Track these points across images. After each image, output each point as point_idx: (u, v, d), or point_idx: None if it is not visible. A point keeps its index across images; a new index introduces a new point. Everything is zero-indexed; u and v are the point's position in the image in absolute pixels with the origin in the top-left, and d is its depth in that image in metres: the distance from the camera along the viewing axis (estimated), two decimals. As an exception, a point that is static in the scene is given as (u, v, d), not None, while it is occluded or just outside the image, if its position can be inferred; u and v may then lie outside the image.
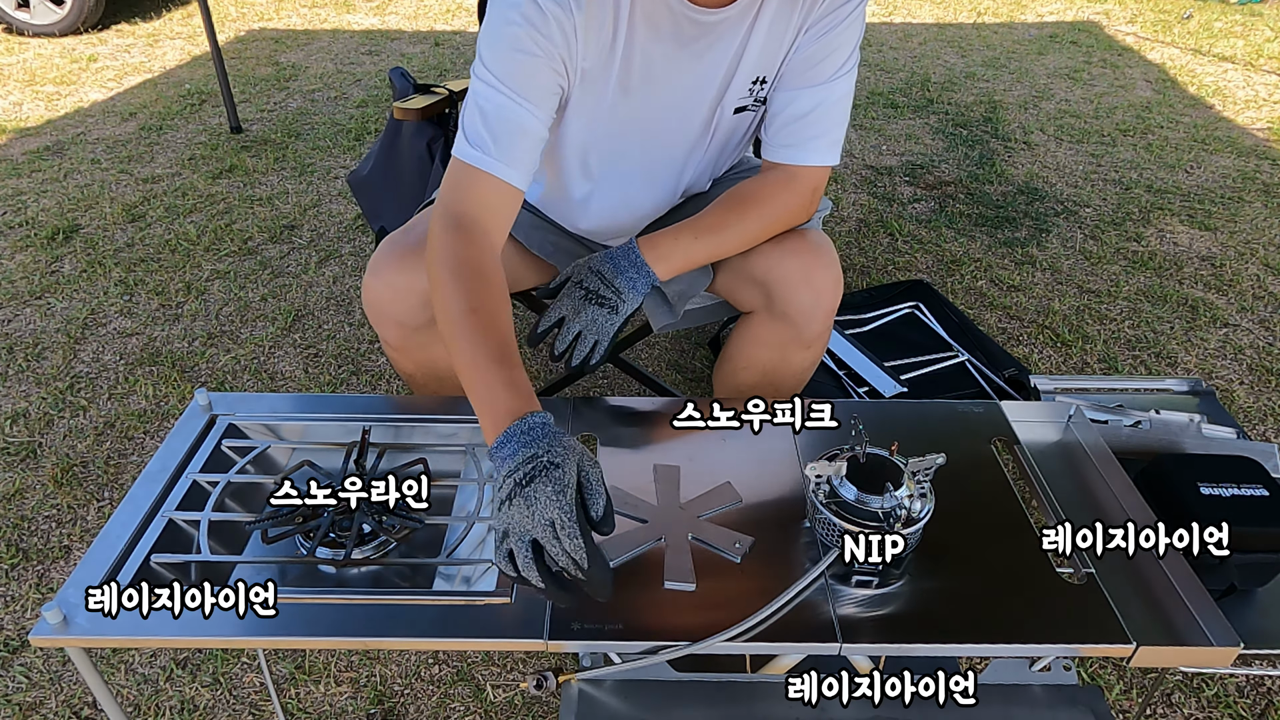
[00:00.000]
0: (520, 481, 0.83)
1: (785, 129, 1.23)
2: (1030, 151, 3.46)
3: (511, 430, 0.87)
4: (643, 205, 1.38)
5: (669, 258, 1.21)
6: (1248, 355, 2.26)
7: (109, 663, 1.50)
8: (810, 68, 1.19)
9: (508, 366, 0.93)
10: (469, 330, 0.96)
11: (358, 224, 2.89)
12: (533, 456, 0.84)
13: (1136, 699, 1.45)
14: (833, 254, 1.23)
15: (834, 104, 1.21)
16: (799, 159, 1.24)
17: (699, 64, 1.17)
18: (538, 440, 0.86)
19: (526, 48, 1.07)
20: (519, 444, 0.86)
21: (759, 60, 1.18)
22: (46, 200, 3.02)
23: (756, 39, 1.16)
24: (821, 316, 1.24)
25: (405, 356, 1.28)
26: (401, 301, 1.20)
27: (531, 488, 0.81)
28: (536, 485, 0.81)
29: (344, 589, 0.93)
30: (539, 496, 0.81)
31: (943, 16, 5.43)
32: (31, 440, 1.97)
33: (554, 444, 0.85)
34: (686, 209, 1.39)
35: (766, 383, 1.33)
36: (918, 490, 0.89)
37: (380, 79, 4.24)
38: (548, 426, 0.88)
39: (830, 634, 0.84)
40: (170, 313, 2.42)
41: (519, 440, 0.86)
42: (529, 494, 0.81)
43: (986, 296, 2.50)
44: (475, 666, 1.49)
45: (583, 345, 1.19)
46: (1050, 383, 1.22)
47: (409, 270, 1.18)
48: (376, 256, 1.21)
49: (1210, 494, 0.95)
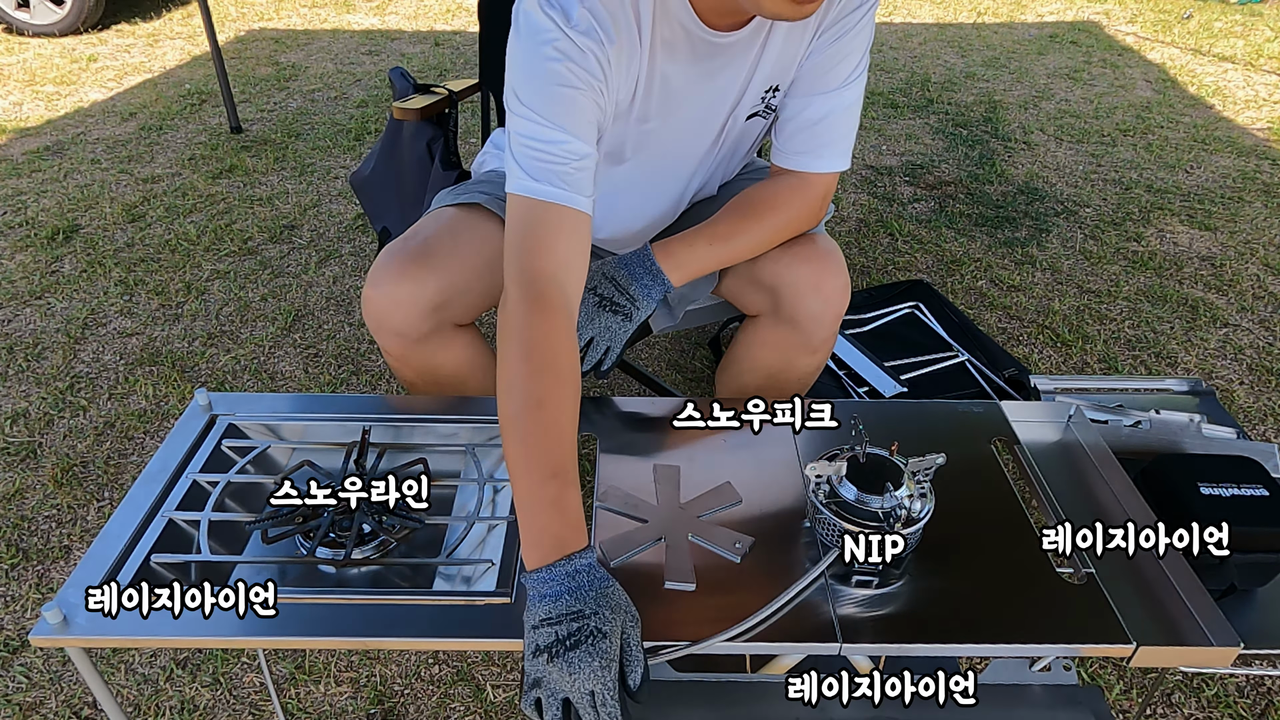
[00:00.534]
0: (563, 639, 0.79)
1: (797, 136, 1.23)
2: (1030, 151, 3.47)
3: (557, 570, 0.82)
4: (652, 214, 1.37)
5: (684, 265, 1.20)
6: (1248, 355, 2.26)
7: (109, 663, 1.50)
8: (823, 74, 1.18)
9: (561, 483, 0.88)
10: (529, 431, 0.91)
11: (358, 224, 2.89)
12: (579, 614, 0.80)
13: (1136, 699, 1.45)
14: (841, 261, 1.23)
15: (845, 110, 1.21)
16: (811, 165, 1.23)
17: (714, 82, 1.17)
18: (584, 592, 0.81)
19: (569, 81, 1.03)
20: (563, 588, 0.82)
21: (773, 71, 1.18)
22: (46, 200, 3.02)
23: (771, 51, 1.16)
24: (829, 322, 1.24)
25: (406, 365, 1.27)
26: (402, 313, 1.18)
27: (576, 654, 0.78)
28: (581, 653, 0.78)
29: (344, 589, 0.93)
30: (582, 667, 0.77)
31: (943, 16, 5.43)
32: (31, 440, 1.97)
33: (601, 604, 0.81)
34: (693, 213, 1.39)
35: (771, 386, 1.33)
36: (918, 490, 0.89)
37: (380, 79, 4.24)
38: (594, 573, 0.83)
39: (830, 634, 0.84)
40: (170, 313, 2.42)
41: (564, 584, 0.82)
42: (572, 660, 0.78)
43: (986, 296, 2.50)
44: (475, 666, 1.49)
45: (595, 351, 1.18)
46: (1050, 383, 1.22)
47: (409, 280, 1.16)
48: (376, 267, 1.19)
49: (1210, 494, 0.95)
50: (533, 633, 0.81)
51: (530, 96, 1.04)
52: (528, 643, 0.81)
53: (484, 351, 1.32)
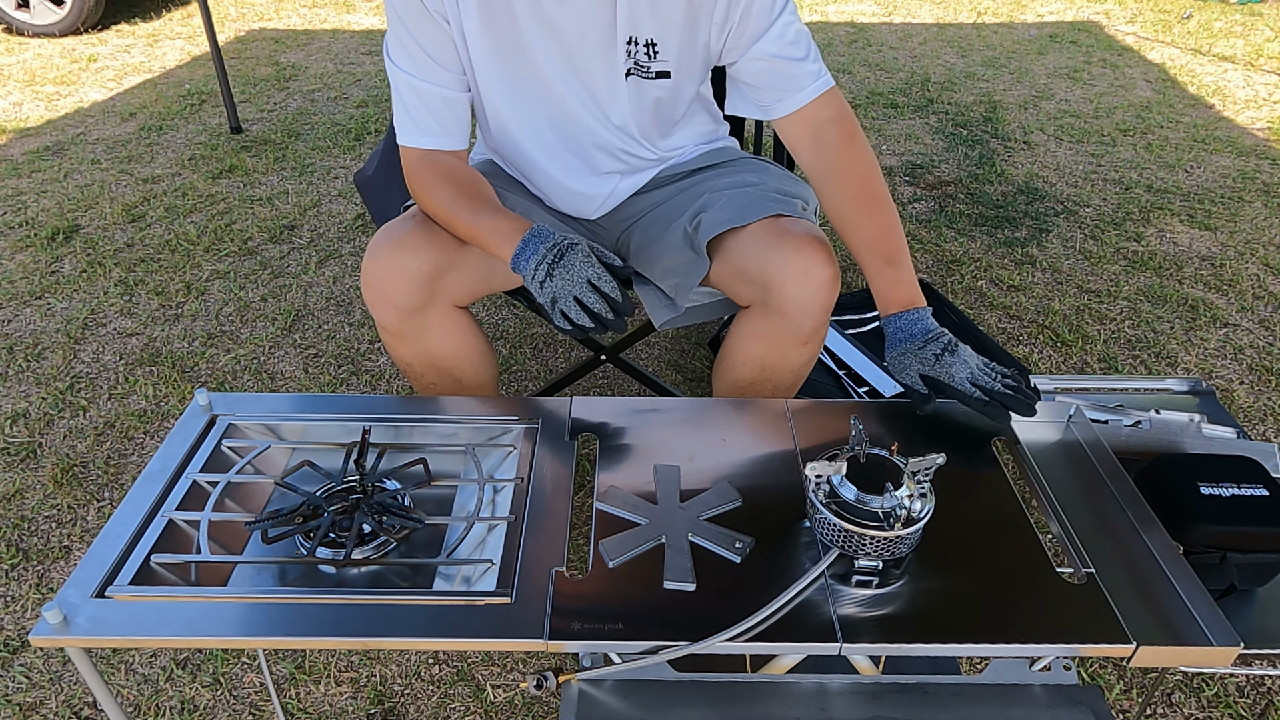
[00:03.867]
0: (550, 260, 1.09)
1: (769, 84, 1.27)
2: (1030, 151, 3.47)
3: (527, 237, 1.12)
4: (592, 159, 1.41)
5: (906, 290, 1.18)
6: (1248, 355, 2.26)
7: (109, 663, 1.50)
8: (746, 28, 1.23)
9: (504, 211, 1.20)
10: (465, 203, 1.21)
11: (358, 224, 2.89)
12: (554, 245, 1.10)
13: (1136, 699, 1.45)
14: (829, 250, 1.23)
15: (794, 38, 1.25)
16: (805, 97, 1.27)
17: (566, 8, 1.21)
18: (550, 236, 1.12)
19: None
20: (538, 242, 1.11)
21: (632, 20, 1.21)
22: (46, 200, 3.02)
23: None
24: (818, 312, 1.24)
25: (403, 343, 1.30)
26: (399, 283, 1.22)
27: (564, 260, 1.08)
28: (567, 259, 1.08)
29: (344, 589, 0.93)
30: (572, 263, 1.08)
31: (943, 16, 5.43)
32: (31, 440, 1.97)
33: (564, 234, 1.12)
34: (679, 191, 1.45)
35: (764, 378, 1.33)
36: (918, 490, 0.89)
37: (380, 79, 4.24)
38: (552, 230, 1.13)
39: (830, 634, 0.84)
40: (170, 313, 2.42)
41: (536, 240, 1.12)
42: (564, 264, 1.08)
43: (986, 296, 2.50)
44: (475, 666, 1.49)
45: (989, 374, 1.12)
46: (1050, 383, 1.22)
47: (406, 250, 1.21)
48: (374, 241, 1.24)
49: (1210, 494, 0.95)
50: (533, 276, 1.10)
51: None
52: (532, 284, 1.11)
53: (479, 337, 1.37)
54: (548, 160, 1.41)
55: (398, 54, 1.23)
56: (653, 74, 1.29)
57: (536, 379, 2.20)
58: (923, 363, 1.12)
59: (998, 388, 1.08)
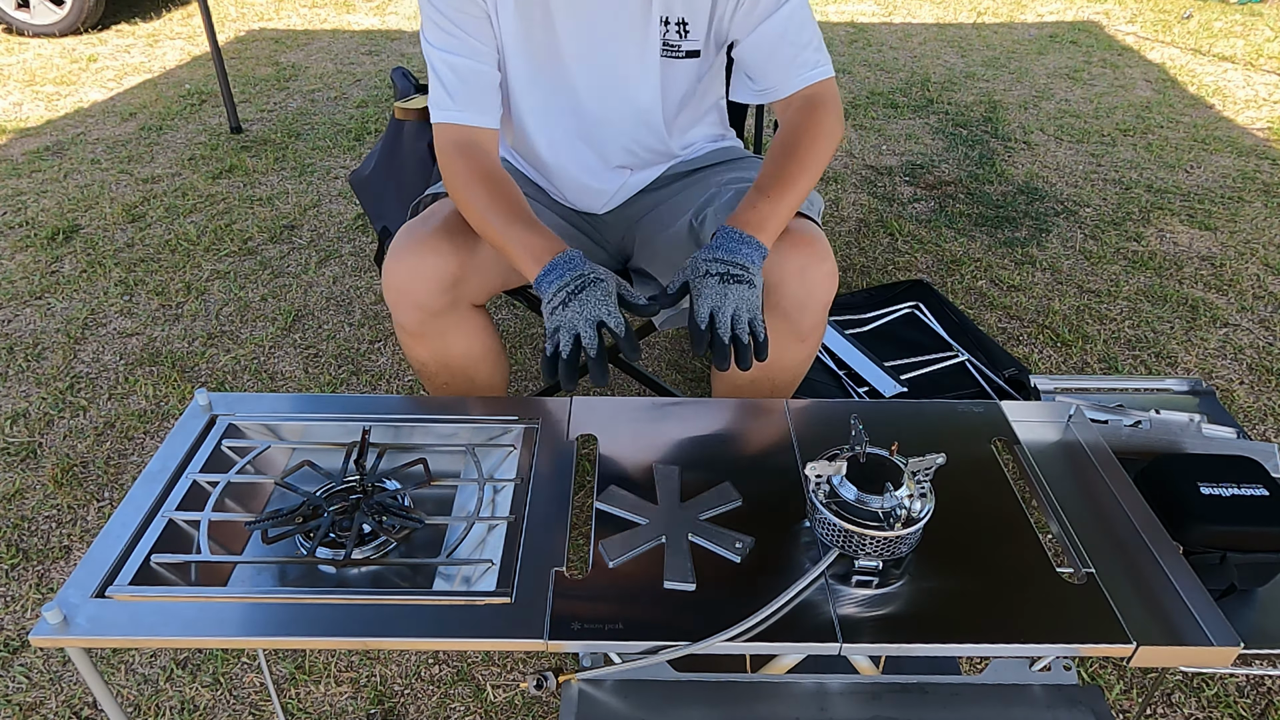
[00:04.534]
0: (571, 290, 1.06)
1: (769, 65, 1.29)
2: (1030, 151, 3.47)
3: (556, 260, 1.10)
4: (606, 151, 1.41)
5: (764, 225, 1.16)
6: (1248, 355, 2.26)
7: (109, 663, 1.50)
8: (754, 8, 1.25)
9: (538, 227, 1.17)
10: (500, 210, 1.18)
11: (358, 224, 2.89)
12: (579, 275, 1.07)
13: (1136, 699, 1.45)
14: (826, 248, 1.24)
15: (800, 23, 1.27)
16: (800, 81, 1.28)
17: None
18: (580, 265, 1.09)
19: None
20: (565, 268, 1.08)
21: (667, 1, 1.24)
22: (46, 200, 3.02)
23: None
24: (816, 309, 1.24)
25: (420, 343, 1.30)
26: (424, 285, 1.22)
27: (582, 295, 1.06)
28: (585, 294, 1.06)
29: (344, 589, 0.93)
30: (588, 300, 1.05)
31: (943, 16, 5.43)
32: (31, 440, 1.97)
33: (594, 268, 1.09)
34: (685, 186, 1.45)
35: (763, 377, 1.33)
36: (918, 490, 0.89)
37: (380, 79, 4.24)
38: (583, 258, 1.10)
39: (830, 634, 0.84)
40: (170, 313, 2.42)
41: (564, 266, 1.09)
42: (581, 299, 1.05)
43: (986, 296, 2.50)
44: (475, 666, 1.49)
45: (739, 326, 1.10)
46: (1050, 383, 1.22)
47: (432, 253, 1.21)
48: (396, 242, 1.24)
49: (1210, 494, 0.95)
50: (549, 300, 1.07)
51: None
52: (546, 307, 1.08)
53: (494, 338, 1.37)
54: (561, 149, 1.41)
55: (433, 34, 1.24)
56: (683, 53, 1.30)
57: (536, 379, 2.20)
58: (706, 275, 1.10)
59: (726, 336, 1.07)
